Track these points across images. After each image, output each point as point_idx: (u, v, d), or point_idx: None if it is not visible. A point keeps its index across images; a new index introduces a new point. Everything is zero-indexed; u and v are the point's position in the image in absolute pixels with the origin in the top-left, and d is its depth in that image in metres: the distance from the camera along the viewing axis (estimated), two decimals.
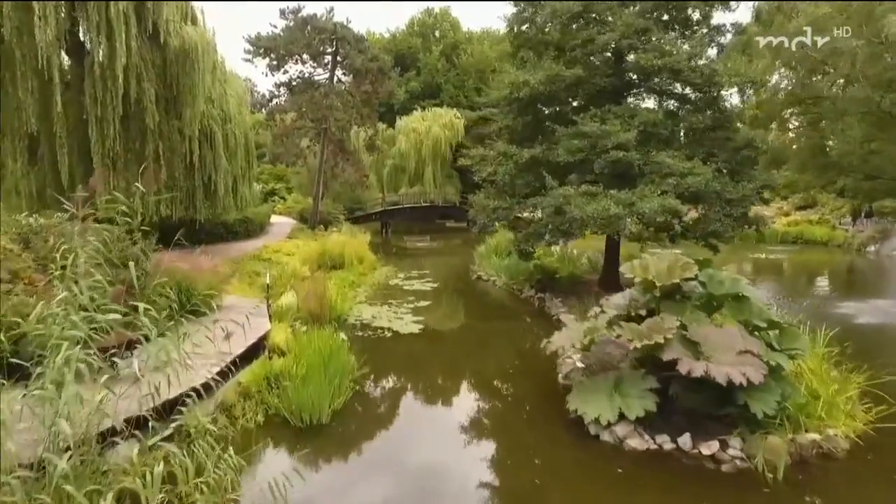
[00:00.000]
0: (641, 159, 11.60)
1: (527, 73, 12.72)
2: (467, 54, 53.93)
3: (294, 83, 27.96)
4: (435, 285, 17.73)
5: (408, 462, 6.46)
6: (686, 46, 12.26)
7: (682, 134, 12.52)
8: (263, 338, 9.02)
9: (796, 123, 21.18)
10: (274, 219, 34.12)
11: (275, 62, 28.22)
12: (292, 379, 7.52)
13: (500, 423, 7.63)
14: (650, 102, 14.16)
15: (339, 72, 29.09)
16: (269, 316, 10.70)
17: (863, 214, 32.67)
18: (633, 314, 7.34)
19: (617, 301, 7.78)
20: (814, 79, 17.02)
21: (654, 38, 12.18)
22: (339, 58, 28.10)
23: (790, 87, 17.92)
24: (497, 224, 14.31)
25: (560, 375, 8.60)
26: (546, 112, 13.92)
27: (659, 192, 11.22)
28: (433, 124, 45.93)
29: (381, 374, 9.47)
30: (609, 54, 13.28)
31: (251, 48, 27.35)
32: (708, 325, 6.77)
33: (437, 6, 58.32)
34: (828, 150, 18.88)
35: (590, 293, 14.89)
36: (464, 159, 14.58)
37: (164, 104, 14.61)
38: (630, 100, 14.09)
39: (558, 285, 15.57)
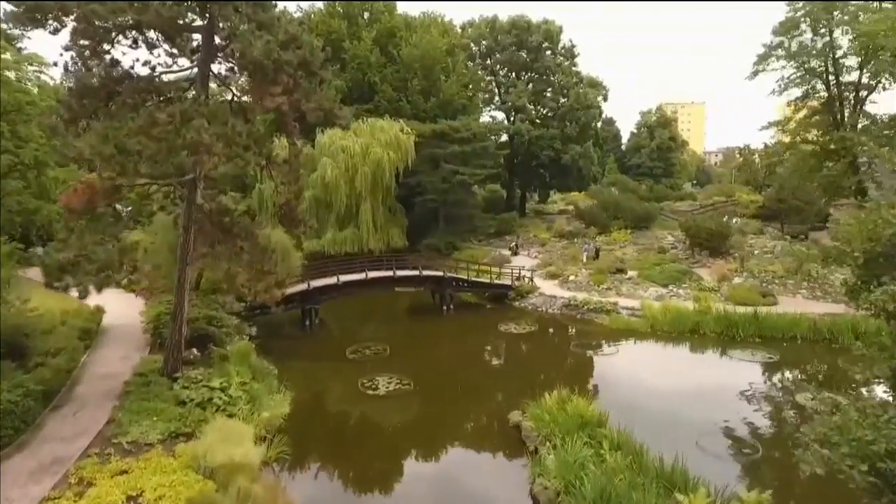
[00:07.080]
0: None
1: None
2: (409, 45, 40.64)
3: (120, 87, 13.49)
4: None
5: None
6: None
7: None
8: None
9: None
10: (112, 315, 19.33)
11: (85, 42, 13.67)
12: None
13: None
14: None
15: (220, 67, 14.91)
16: None
17: None
18: None
19: None
20: None
21: None
22: (217, 38, 14.05)
23: None
24: None
25: None
26: None
27: None
28: (372, 142, 32.43)
29: None
30: None
31: (16, 9, 12.68)
32: None
33: None
34: None
35: None
36: None
37: None
38: None
39: None
